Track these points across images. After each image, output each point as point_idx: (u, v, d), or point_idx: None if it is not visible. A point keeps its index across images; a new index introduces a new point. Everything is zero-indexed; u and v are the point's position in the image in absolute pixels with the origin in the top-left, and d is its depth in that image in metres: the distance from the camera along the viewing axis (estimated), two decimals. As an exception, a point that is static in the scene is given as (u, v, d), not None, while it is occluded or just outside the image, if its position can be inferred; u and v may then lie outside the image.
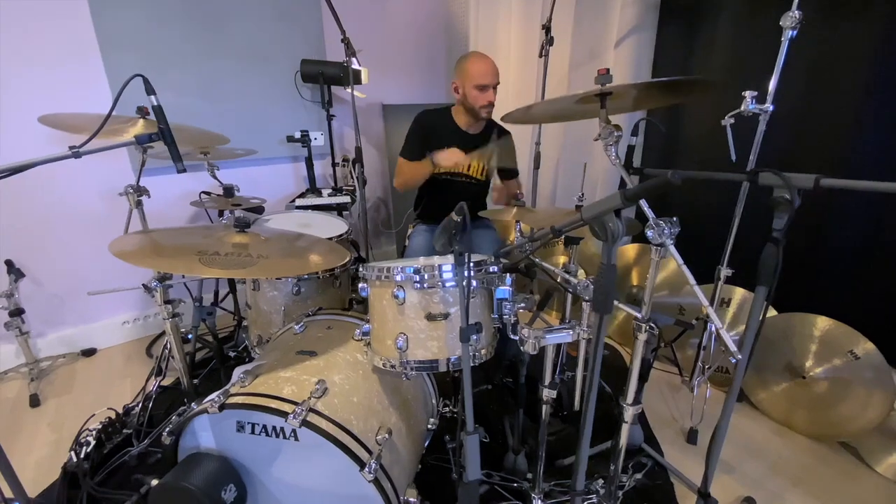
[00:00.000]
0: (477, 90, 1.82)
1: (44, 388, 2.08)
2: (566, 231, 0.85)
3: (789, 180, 0.86)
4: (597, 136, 0.98)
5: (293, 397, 1.01)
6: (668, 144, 2.22)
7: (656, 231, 0.89)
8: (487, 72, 1.82)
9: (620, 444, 1.13)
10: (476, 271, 1.05)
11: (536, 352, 1.02)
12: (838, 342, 1.65)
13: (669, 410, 1.92)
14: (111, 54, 2.12)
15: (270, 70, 2.55)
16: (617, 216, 0.70)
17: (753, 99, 1.49)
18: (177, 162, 1.14)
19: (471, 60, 1.86)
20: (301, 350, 1.20)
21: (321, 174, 2.89)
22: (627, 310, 0.99)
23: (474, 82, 1.81)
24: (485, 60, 1.85)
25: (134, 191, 1.62)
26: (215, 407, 0.99)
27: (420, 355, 1.03)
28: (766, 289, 0.94)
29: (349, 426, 1.00)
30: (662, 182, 0.60)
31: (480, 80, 1.82)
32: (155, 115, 1.10)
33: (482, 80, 1.82)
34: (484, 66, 1.83)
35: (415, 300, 1.01)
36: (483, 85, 1.82)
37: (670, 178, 0.59)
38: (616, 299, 1.15)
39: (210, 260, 1.02)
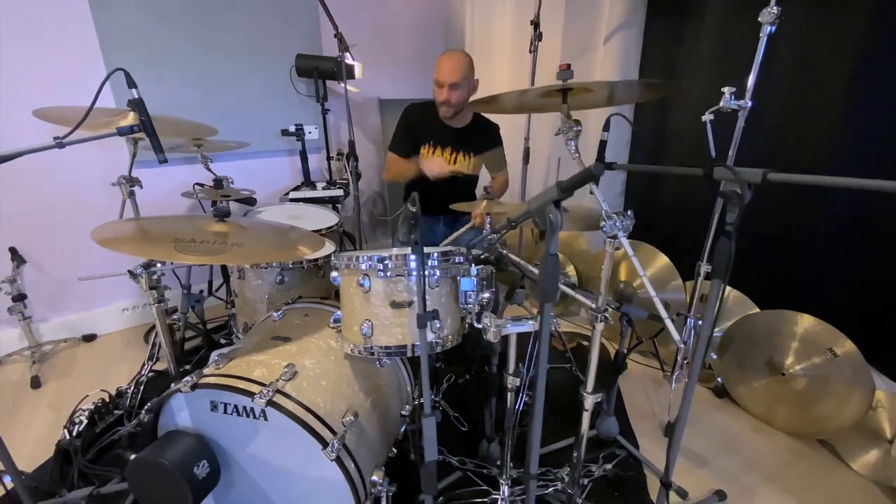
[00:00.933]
0: (435, 86, 1.86)
1: (45, 370, 2.16)
2: (518, 223, 0.88)
3: (739, 174, 0.87)
4: (557, 131, 1.00)
5: (262, 379, 1.05)
6: (657, 140, 2.22)
7: (609, 223, 0.91)
8: (442, 68, 1.84)
9: (582, 432, 1.15)
10: (442, 261, 1.08)
11: (497, 340, 1.05)
12: (818, 340, 1.65)
13: (650, 404, 1.94)
14: (111, 51, 2.18)
15: (267, 65, 2.60)
16: (557, 207, 0.73)
17: (732, 95, 1.50)
18: (158, 153, 1.18)
19: (439, 57, 1.88)
20: (276, 336, 1.24)
21: (317, 167, 2.94)
22: (582, 299, 1.01)
23: (434, 76, 1.86)
24: (446, 57, 1.86)
25: (126, 181, 1.68)
26: (187, 386, 1.04)
27: (385, 341, 1.06)
28: (720, 282, 0.96)
29: (315, 408, 1.05)
30: (587, 174, 0.63)
31: (436, 75, 1.85)
32: (136, 108, 1.14)
33: (437, 75, 1.85)
34: (442, 62, 1.85)
35: (380, 288, 1.05)
36: (437, 81, 1.85)
37: (593, 169, 0.61)
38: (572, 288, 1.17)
39: (185, 247, 1.06)
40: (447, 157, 2.04)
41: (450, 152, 2.03)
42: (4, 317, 2.16)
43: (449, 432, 1.71)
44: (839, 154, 1.68)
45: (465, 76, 1.87)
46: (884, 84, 1.56)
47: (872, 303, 1.68)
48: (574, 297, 1.00)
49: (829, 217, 1.75)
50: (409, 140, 2.00)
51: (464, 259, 1.12)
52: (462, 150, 2.04)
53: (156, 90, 2.32)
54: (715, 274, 0.96)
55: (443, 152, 2.03)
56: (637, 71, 2.14)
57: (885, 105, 1.56)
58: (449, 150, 2.03)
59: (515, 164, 2.38)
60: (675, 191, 2.20)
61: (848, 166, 1.66)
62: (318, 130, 2.78)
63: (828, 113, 1.69)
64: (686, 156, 2.09)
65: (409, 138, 2.00)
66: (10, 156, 0.99)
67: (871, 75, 1.57)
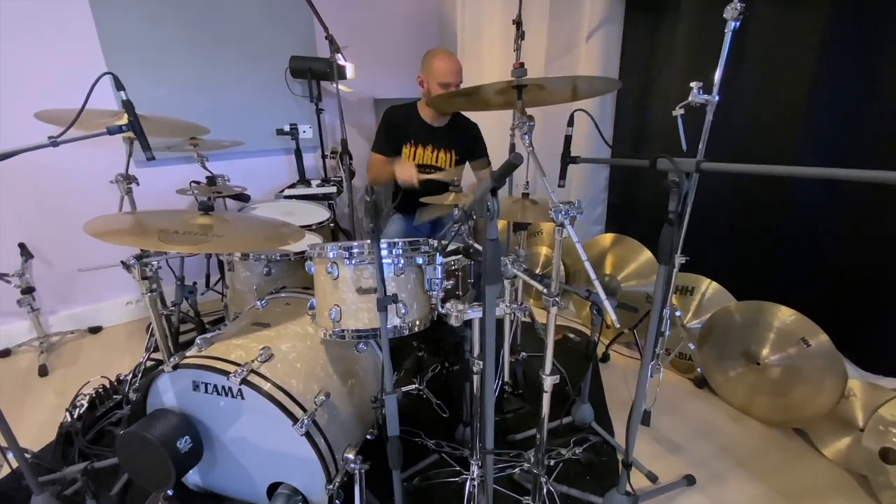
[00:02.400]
0: (441, 88, 1.89)
1: (52, 360, 2.28)
2: (471, 211, 0.94)
3: (676, 164, 0.92)
4: (513, 127, 1.06)
5: (238, 360, 1.13)
6: (638, 134, 2.26)
7: (555, 212, 0.96)
8: (451, 71, 1.89)
9: (543, 414, 1.21)
10: (408, 250, 1.14)
11: (459, 324, 1.11)
12: (793, 330, 1.68)
13: (630, 393, 1.98)
14: (112, 53, 2.28)
15: (262, 67, 2.69)
16: (493, 195, 0.79)
17: (700, 89, 1.53)
18: (145, 150, 1.27)
19: (437, 57, 1.93)
20: (257, 322, 1.32)
21: (312, 166, 3.02)
22: (536, 285, 1.07)
23: (437, 80, 1.89)
24: (450, 59, 1.91)
25: (124, 179, 1.78)
26: (170, 367, 1.12)
27: (352, 325, 1.13)
28: (666, 268, 1.01)
29: (287, 387, 1.12)
30: (510, 163, 0.69)
31: (443, 78, 1.88)
32: (124, 109, 1.22)
33: (445, 78, 1.88)
34: (448, 64, 1.89)
35: (347, 275, 1.12)
36: (445, 83, 1.88)
37: (512, 159, 0.67)
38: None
39: (168, 237, 1.14)
40: (429, 155, 2.10)
41: (431, 150, 2.09)
42: (15, 309, 2.28)
43: (430, 418, 1.77)
44: (806, 147, 1.71)
45: None
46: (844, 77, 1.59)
47: (845, 294, 1.71)
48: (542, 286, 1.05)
49: (802, 210, 1.78)
50: (391, 140, 2.07)
51: (430, 248, 1.19)
52: (443, 147, 2.10)
53: (155, 91, 2.42)
54: (661, 258, 1.02)
55: (424, 150, 2.09)
56: (618, 67, 2.18)
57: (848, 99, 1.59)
58: (430, 148, 2.09)
59: (501, 158, 2.43)
60: (656, 185, 2.23)
61: (815, 159, 1.69)
62: (313, 130, 2.86)
63: (795, 107, 1.72)
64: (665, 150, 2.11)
65: (391, 139, 2.07)
66: (5, 155, 1.09)
67: (834, 70, 1.61)
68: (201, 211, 1.32)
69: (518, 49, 2.15)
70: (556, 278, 1.02)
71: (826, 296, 1.75)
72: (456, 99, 1.74)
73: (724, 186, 1.96)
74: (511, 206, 1.51)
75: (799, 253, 1.82)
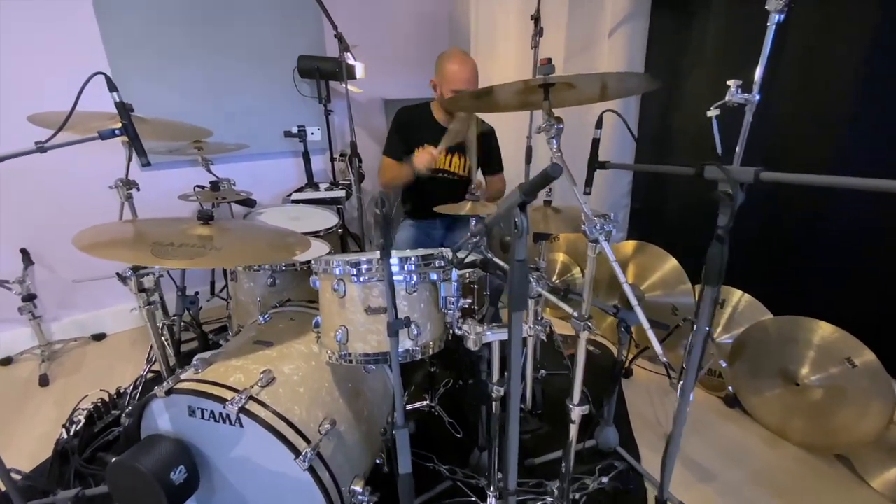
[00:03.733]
0: (452, 93, 1.81)
1: (54, 368, 2.22)
2: (493, 226, 0.83)
3: (731, 174, 0.81)
4: (538, 129, 0.95)
5: (237, 385, 1.04)
6: (663, 136, 2.13)
7: (588, 226, 0.85)
8: (462, 79, 1.80)
9: (569, 444, 1.10)
10: (421, 265, 1.04)
11: (477, 348, 1.01)
12: (836, 349, 1.55)
13: (655, 413, 1.86)
14: (115, 52, 2.22)
15: (270, 67, 2.61)
16: (522, 211, 0.68)
17: (739, 88, 1.41)
18: (140, 156, 1.18)
19: (450, 61, 1.84)
20: (258, 340, 1.23)
21: (321, 168, 2.94)
22: (563, 306, 0.96)
23: (450, 86, 1.81)
24: (463, 65, 1.82)
25: (123, 184, 1.70)
26: (163, 392, 1.03)
27: (360, 348, 1.03)
28: (713, 289, 0.89)
29: (289, 415, 1.02)
30: (546, 175, 0.58)
31: (455, 85, 1.80)
32: (118, 111, 1.14)
33: (457, 85, 1.80)
34: (461, 71, 1.81)
35: (354, 294, 1.02)
36: (457, 90, 1.80)
37: (549, 171, 0.57)
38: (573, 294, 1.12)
39: (162, 251, 1.06)
40: (442, 160, 2.00)
41: (444, 153, 1.99)
42: (16, 316, 2.22)
43: (443, 438, 1.67)
44: (851, 152, 1.57)
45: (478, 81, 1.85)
46: None
47: (894, 310, 1.57)
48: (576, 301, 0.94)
49: (847, 219, 1.64)
50: (402, 143, 1.98)
51: (444, 263, 1.08)
52: (457, 151, 2.00)
53: (159, 93, 2.35)
54: (708, 280, 0.90)
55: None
56: (643, 64, 2.06)
57: None
58: (443, 151, 1.99)
59: (517, 163, 2.32)
60: (682, 190, 2.11)
61: (861, 164, 1.55)
62: (321, 131, 2.77)
63: (840, 108, 1.58)
64: (694, 153, 2.00)
65: (402, 141, 1.98)
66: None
67: (886, 67, 1.47)
68: (200, 220, 1.24)
69: (536, 46, 2.04)
70: (589, 299, 0.91)
71: (872, 311, 1.61)
72: (470, 101, 1.64)
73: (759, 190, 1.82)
74: (532, 214, 1.40)
75: (842, 264, 1.69)
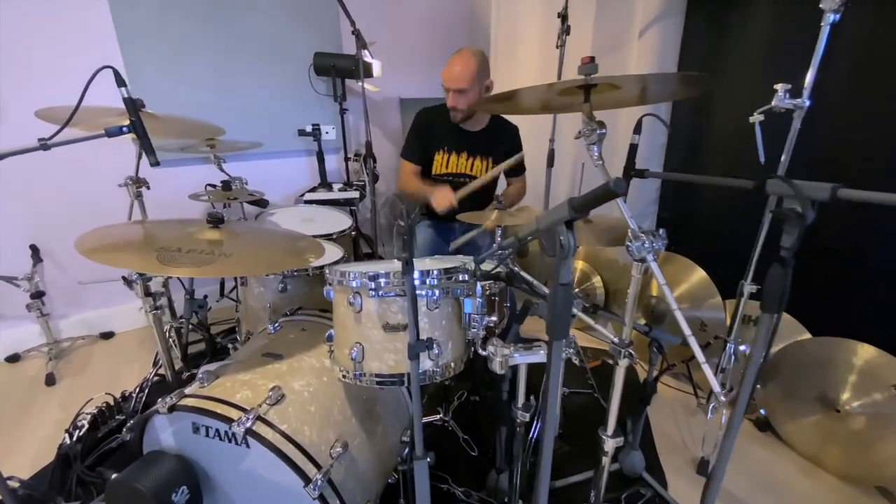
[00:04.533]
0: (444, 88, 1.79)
1: (61, 367, 2.18)
2: (527, 241, 0.75)
3: (801, 190, 0.71)
4: (577, 134, 0.86)
5: (244, 403, 0.97)
6: (695, 143, 2.02)
7: (636, 245, 0.76)
8: (448, 73, 1.77)
9: (602, 475, 1.01)
10: (443, 279, 0.96)
11: (504, 371, 0.92)
12: (881, 374, 1.44)
13: (681, 435, 1.75)
14: (129, 45, 2.17)
15: (285, 63, 2.55)
16: (568, 228, 0.60)
17: (787, 93, 1.31)
18: (149, 155, 1.12)
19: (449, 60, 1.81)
20: (267, 352, 1.16)
21: (335, 168, 2.88)
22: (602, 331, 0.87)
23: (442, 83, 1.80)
24: (452, 61, 1.78)
25: (133, 182, 1.65)
26: (165, 408, 0.97)
27: (375, 368, 0.95)
28: (772, 317, 0.80)
29: (299, 437, 0.95)
30: (606, 190, 0.50)
31: (443, 80, 1.79)
32: (126, 107, 1.08)
33: (443, 81, 1.78)
34: (449, 67, 1.78)
35: (371, 308, 0.94)
36: (444, 87, 1.78)
37: (612, 185, 0.48)
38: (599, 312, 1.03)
39: (169, 257, 0.99)
40: (463, 163, 1.92)
41: (466, 158, 1.91)
42: (25, 313, 2.19)
43: (457, 455, 1.59)
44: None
45: (475, 80, 1.77)
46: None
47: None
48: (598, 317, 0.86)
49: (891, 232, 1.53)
50: (422, 146, 1.91)
51: (468, 276, 1.00)
52: (479, 154, 1.92)
53: (172, 87, 2.31)
54: (767, 306, 0.81)
55: (458, 158, 1.91)
56: (675, 66, 1.95)
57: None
58: (465, 156, 1.91)
59: (538, 167, 2.23)
60: (715, 198, 2.00)
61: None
62: (336, 130, 2.71)
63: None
64: (729, 162, 1.89)
65: (422, 144, 1.90)
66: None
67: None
68: (210, 224, 1.17)
69: (562, 45, 1.95)
70: (630, 323, 0.83)
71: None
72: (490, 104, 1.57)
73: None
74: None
75: (890, 283, 1.57)
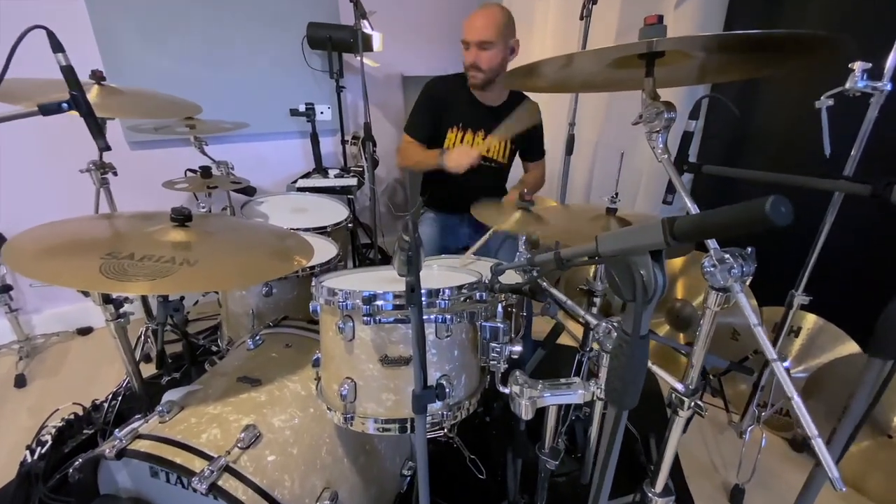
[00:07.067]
0: (463, 49, 1.59)
1: (33, 367, 2.01)
2: (574, 265, 0.56)
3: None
4: (637, 119, 0.66)
5: (210, 447, 0.79)
6: (734, 131, 1.80)
7: (720, 270, 0.57)
8: (469, 25, 1.56)
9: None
10: (456, 299, 0.77)
11: (531, 417, 0.74)
12: (945, 399, 1.27)
13: (710, 456, 1.59)
14: (100, 15, 1.93)
15: (276, 34, 2.31)
16: (655, 259, 0.40)
17: (865, 73, 1.09)
18: (97, 139, 0.92)
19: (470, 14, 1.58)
20: (244, 376, 0.97)
21: (331, 152, 2.66)
22: (671, 381, 0.68)
23: (462, 37, 1.58)
24: (475, 13, 1.56)
25: (97, 167, 1.44)
26: (113, 452, 0.79)
27: (371, 410, 0.77)
28: (884, 364, 0.61)
29: (277, 491, 0.77)
30: (752, 215, 0.30)
31: (463, 34, 1.57)
32: (64, 77, 0.87)
33: (463, 34, 1.57)
34: (470, 18, 1.56)
35: (366, 337, 0.75)
36: (464, 41, 1.57)
37: (769, 209, 0.29)
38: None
39: (115, 267, 0.80)
40: (479, 143, 1.71)
41: (482, 136, 1.69)
42: (-5, 308, 2.01)
43: (463, 477, 1.43)
44: None
45: (500, 34, 1.55)
46: None
47: None
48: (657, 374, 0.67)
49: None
50: (432, 120, 1.68)
51: (486, 295, 0.81)
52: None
53: (154, 61, 2.07)
54: (878, 350, 0.62)
55: (474, 136, 1.69)
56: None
57: None
58: (482, 134, 1.69)
59: (556, 153, 2.02)
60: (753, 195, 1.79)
61: None
62: (332, 110, 2.49)
63: None
64: (779, 152, 1.67)
65: (432, 118, 1.68)
66: None
67: None
68: (175, 222, 0.97)
69: (588, 15, 1.72)
70: (699, 365, 0.64)
71: None
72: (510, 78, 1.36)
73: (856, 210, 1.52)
74: (586, 225, 1.11)
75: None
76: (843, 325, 1.56)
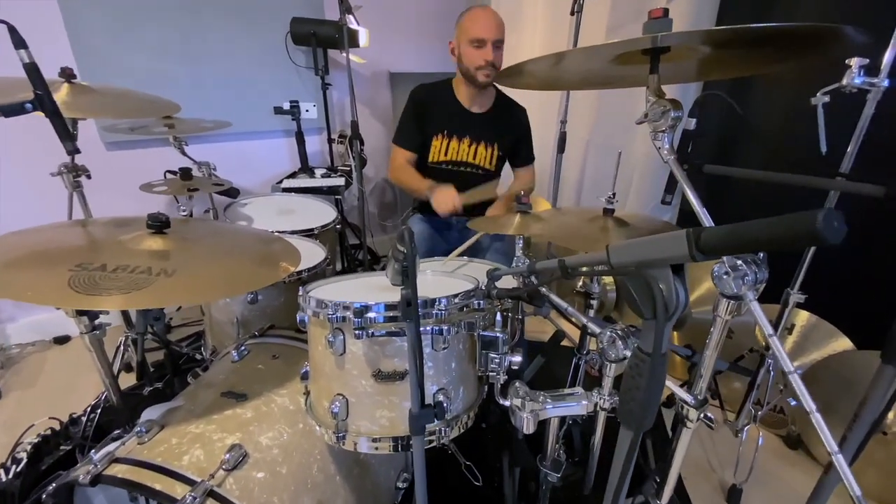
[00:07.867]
0: (472, 48, 1.51)
1: (9, 379, 1.92)
2: (581, 274, 0.52)
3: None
4: (642, 118, 0.63)
5: (192, 471, 0.74)
6: (727, 129, 1.79)
7: (733, 278, 0.54)
8: (485, 24, 1.50)
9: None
10: (453, 309, 0.73)
11: (532, 431, 0.71)
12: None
13: (706, 455, 1.58)
14: (71, 6, 1.83)
15: (259, 30, 2.24)
16: (676, 274, 0.37)
17: (862, 69, 1.08)
18: (64, 141, 0.86)
19: (469, 13, 1.54)
20: (228, 391, 0.92)
21: (318, 151, 2.59)
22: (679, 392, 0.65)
23: (469, 36, 1.50)
24: (485, 12, 1.52)
25: (69, 170, 1.37)
26: (87, 478, 0.73)
27: (364, 429, 0.73)
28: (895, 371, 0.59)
29: (265, 517, 0.73)
30: (799, 230, 0.27)
31: (476, 33, 1.49)
32: (28, 75, 0.81)
33: (478, 33, 1.49)
34: (483, 17, 1.51)
35: (358, 352, 0.71)
36: (479, 39, 1.50)
37: (820, 224, 0.25)
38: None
39: (86, 280, 0.74)
40: (465, 150, 1.67)
41: (468, 143, 1.66)
42: (-38, 318, 1.91)
43: (457, 484, 1.39)
44: None
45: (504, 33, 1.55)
46: None
47: None
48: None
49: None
50: (418, 128, 1.65)
51: (483, 302, 0.77)
52: (484, 140, 1.67)
53: (130, 58, 1.99)
54: (890, 356, 0.60)
55: (459, 144, 1.66)
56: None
57: None
58: (467, 141, 1.65)
59: (547, 152, 1.99)
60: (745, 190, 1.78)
61: None
62: (318, 108, 2.42)
63: None
64: (773, 150, 1.65)
65: (418, 126, 1.65)
66: None
67: None
68: (151, 229, 0.92)
69: (579, 10, 1.69)
70: (708, 375, 0.61)
71: None
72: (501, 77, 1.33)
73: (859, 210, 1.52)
74: (583, 226, 1.08)
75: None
76: (836, 322, 1.57)
